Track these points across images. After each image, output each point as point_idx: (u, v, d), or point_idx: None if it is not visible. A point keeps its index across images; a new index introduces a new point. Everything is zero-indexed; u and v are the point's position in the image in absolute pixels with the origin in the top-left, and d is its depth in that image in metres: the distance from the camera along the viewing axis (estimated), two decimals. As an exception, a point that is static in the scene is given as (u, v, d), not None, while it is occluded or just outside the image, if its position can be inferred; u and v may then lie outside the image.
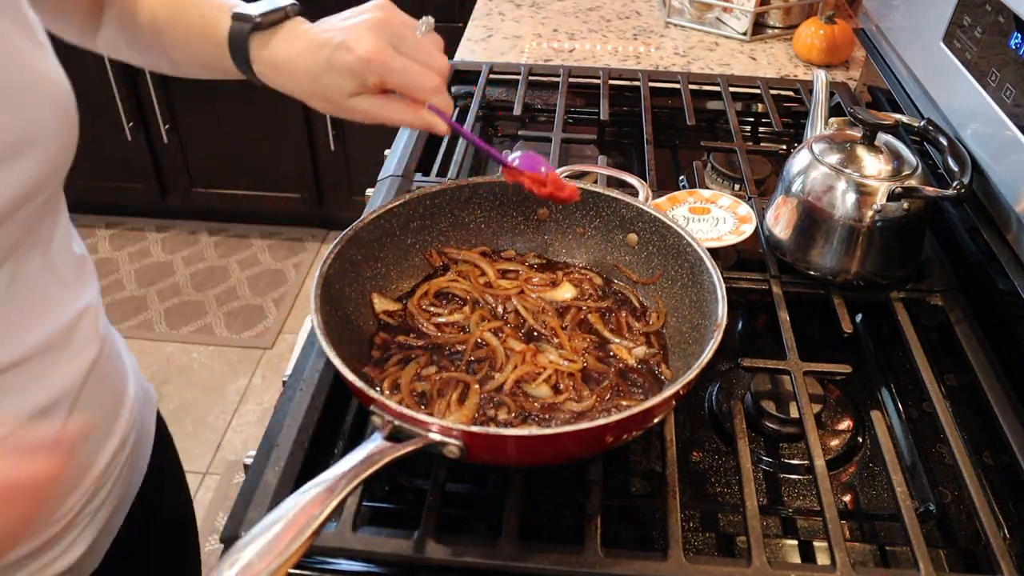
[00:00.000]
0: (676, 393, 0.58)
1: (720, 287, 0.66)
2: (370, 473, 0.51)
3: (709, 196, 0.90)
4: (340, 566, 0.60)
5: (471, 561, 0.58)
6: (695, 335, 0.70)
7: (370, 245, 0.74)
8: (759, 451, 0.74)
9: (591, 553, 0.58)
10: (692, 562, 0.58)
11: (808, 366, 0.74)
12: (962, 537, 0.67)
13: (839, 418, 0.77)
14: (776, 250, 0.87)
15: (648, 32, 1.55)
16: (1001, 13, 0.78)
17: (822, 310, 0.83)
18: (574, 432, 0.55)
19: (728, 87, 1.21)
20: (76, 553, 0.68)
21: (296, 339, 0.85)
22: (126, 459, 0.73)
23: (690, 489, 0.71)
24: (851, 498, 0.72)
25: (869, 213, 0.79)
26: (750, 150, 1.08)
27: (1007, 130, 0.75)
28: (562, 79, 1.22)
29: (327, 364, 0.71)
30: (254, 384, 2.25)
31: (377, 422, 0.55)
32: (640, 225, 0.77)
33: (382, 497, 0.68)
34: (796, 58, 1.45)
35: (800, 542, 0.67)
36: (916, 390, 0.80)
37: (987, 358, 0.77)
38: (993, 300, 0.80)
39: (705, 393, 0.80)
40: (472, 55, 1.44)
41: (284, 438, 0.66)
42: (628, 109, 1.23)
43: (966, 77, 0.83)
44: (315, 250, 2.72)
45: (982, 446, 0.74)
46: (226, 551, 0.45)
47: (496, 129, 1.22)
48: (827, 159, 0.82)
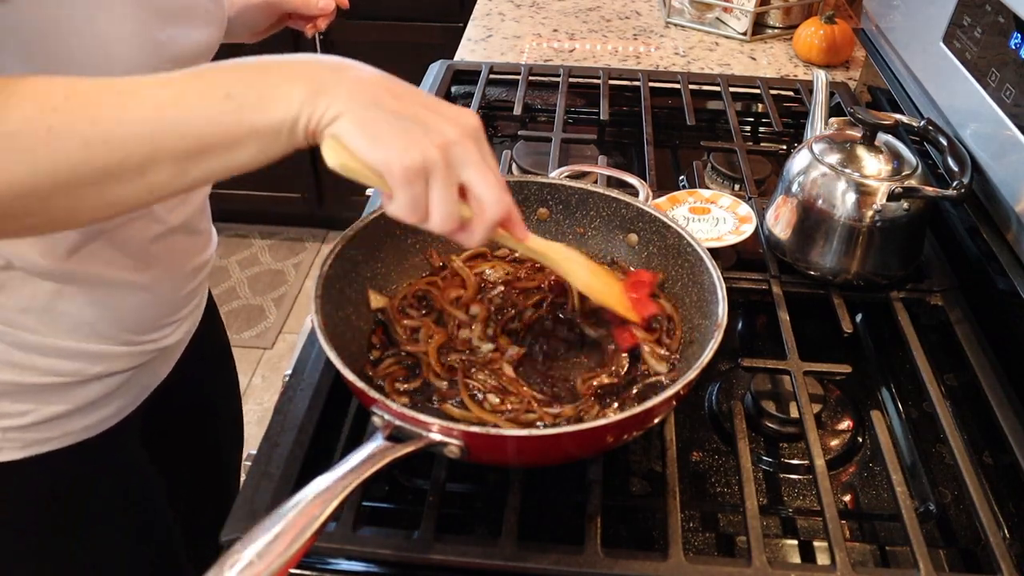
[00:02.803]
0: (676, 393, 0.58)
1: (720, 287, 0.66)
2: (371, 474, 0.51)
3: (709, 196, 0.90)
4: (340, 566, 0.60)
5: (471, 561, 0.58)
6: (695, 335, 0.70)
7: (370, 245, 0.74)
8: (759, 451, 0.74)
9: (591, 553, 0.58)
10: (692, 562, 0.58)
11: (808, 366, 0.74)
12: (962, 537, 0.67)
13: (839, 418, 0.77)
14: (776, 250, 0.87)
15: (648, 32, 1.55)
16: (1001, 13, 0.78)
17: (822, 310, 0.83)
18: (574, 432, 0.55)
19: (728, 87, 1.21)
20: (177, 336, 0.82)
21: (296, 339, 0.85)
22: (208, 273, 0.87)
23: (690, 489, 0.71)
24: (851, 498, 0.72)
25: (869, 213, 0.79)
26: (750, 150, 1.08)
27: (1007, 130, 0.75)
28: (562, 79, 1.22)
29: (327, 364, 0.71)
30: (254, 384, 2.25)
31: (377, 422, 0.55)
32: (640, 225, 0.77)
33: (382, 497, 0.68)
34: (796, 58, 1.45)
35: (800, 542, 0.67)
36: (916, 390, 0.80)
37: (987, 358, 0.77)
38: (993, 300, 0.80)
39: (705, 393, 0.80)
40: (472, 55, 1.44)
41: (284, 438, 0.66)
42: (628, 109, 1.23)
43: (966, 77, 0.83)
44: (315, 250, 2.72)
45: (982, 446, 0.74)
46: (226, 551, 0.45)
47: (496, 129, 1.22)
48: (827, 159, 0.82)
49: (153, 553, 0.88)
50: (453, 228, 0.53)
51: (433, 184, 0.51)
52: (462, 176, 0.52)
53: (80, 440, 0.75)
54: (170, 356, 0.84)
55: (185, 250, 0.79)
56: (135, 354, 0.76)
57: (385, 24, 2.22)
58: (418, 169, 0.50)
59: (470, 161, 0.52)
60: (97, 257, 0.68)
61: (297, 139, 0.51)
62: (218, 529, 0.59)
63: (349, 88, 0.50)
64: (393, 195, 0.52)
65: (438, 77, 1.24)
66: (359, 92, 0.50)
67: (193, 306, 0.85)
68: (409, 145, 0.50)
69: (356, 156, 0.50)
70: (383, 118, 0.50)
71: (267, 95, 0.49)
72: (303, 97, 0.49)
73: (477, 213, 0.54)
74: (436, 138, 0.50)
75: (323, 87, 0.50)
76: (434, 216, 0.52)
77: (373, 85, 0.51)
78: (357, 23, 2.23)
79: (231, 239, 2.76)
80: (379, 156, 0.50)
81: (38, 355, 0.68)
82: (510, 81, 1.26)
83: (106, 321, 0.71)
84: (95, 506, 0.80)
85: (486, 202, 0.53)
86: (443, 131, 0.51)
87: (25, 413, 0.69)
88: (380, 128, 0.50)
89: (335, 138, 0.50)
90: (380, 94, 0.51)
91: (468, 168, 0.52)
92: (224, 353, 1.05)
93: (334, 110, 0.49)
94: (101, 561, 0.82)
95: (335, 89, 0.50)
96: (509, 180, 0.79)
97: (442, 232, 0.53)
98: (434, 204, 0.52)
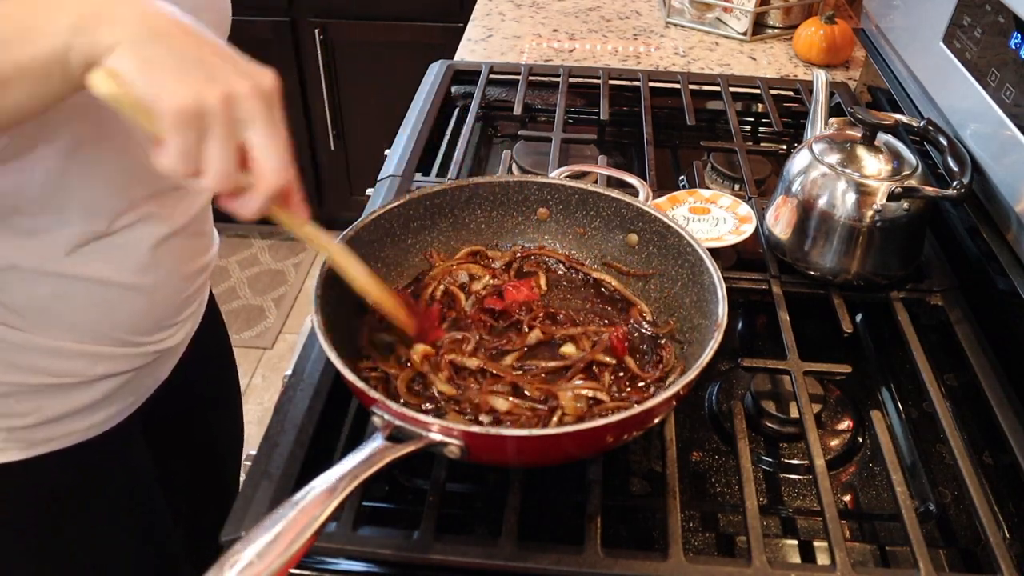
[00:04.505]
0: (676, 393, 0.58)
1: (720, 287, 0.66)
2: (371, 474, 0.51)
3: (709, 196, 0.90)
4: (340, 566, 0.60)
5: (471, 561, 0.58)
6: (695, 335, 0.70)
7: (370, 245, 0.74)
8: (759, 451, 0.74)
9: (591, 553, 0.58)
10: (692, 562, 0.58)
11: (808, 366, 0.74)
12: (962, 537, 0.67)
13: (839, 418, 0.77)
14: (776, 250, 0.87)
15: (648, 32, 1.55)
16: (1001, 13, 0.78)
17: (822, 310, 0.83)
18: (574, 432, 0.55)
19: (728, 87, 1.21)
20: (179, 337, 0.81)
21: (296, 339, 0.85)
22: (210, 274, 0.86)
23: (690, 489, 0.71)
24: (851, 498, 0.72)
25: (869, 213, 0.79)
26: (750, 150, 1.08)
27: (1007, 130, 0.75)
28: (562, 79, 1.22)
29: (327, 364, 0.71)
30: (254, 384, 2.25)
31: (377, 422, 0.55)
32: (640, 225, 0.77)
33: (382, 497, 0.68)
34: (796, 58, 1.45)
35: (800, 542, 0.67)
36: (916, 390, 0.80)
37: (987, 358, 0.77)
38: (993, 300, 0.80)
39: (705, 393, 0.80)
40: (472, 55, 1.44)
41: (284, 438, 0.66)
42: (628, 109, 1.23)
43: (966, 77, 0.83)
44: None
45: (982, 446, 0.74)
46: (226, 551, 0.45)
47: (496, 129, 1.22)
48: (827, 159, 0.82)
49: (153, 553, 0.88)
50: (227, 188, 0.49)
51: (210, 136, 0.46)
52: (244, 135, 0.48)
53: (82, 440, 0.75)
54: (171, 357, 0.84)
55: (188, 253, 0.78)
56: (137, 355, 0.76)
57: (385, 24, 2.22)
58: (192, 113, 0.45)
59: (256, 121, 0.47)
60: (99, 259, 0.67)
61: (72, 73, 0.45)
62: (218, 529, 0.59)
63: (130, 17, 0.45)
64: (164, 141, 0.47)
65: (438, 77, 1.24)
66: (141, 22, 0.45)
67: (195, 307, 0.84)
68: (187, 87, 0.45)
69: (126, 88, 0.45)
70: (166, 54, 0.45)
71: (29, 26, 0.45)
72: (70, 24, 0.44)
73: (256, 179, 0.49)
74: (220, 87, 0.46)
75: (98, 15, 0.45)
76: (207, 171, 0.47)
77: (161, 19, 0.46)
78: (357, 23, 2.23)
79: (231, 239, 2.75)
80: (151, 91, 0.45)
81: (40, 356, 0.68)
82: (510, 81, 1.26)
83: (108, 323, 0.71)
84: (95, 506, 0.80)
85: (267, 168, 0.49)
86: (230, 82, 0.46)
87: (28, 414, 0.69)
88: (158, 63, 0.45)
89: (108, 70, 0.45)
90: (168, 28, 0.46)
91: (253, 128, 0.48)
92: (225, 353, 1.05)
93: (112, 38, 0.45)
94: (101, 561, 0.82)
95: (113, 16, 0.45)
96: (509, 180, 0.80)
97: (216, 191, 0.49)
98: (208, 157, 0.47)
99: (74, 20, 0.45)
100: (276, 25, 2.24)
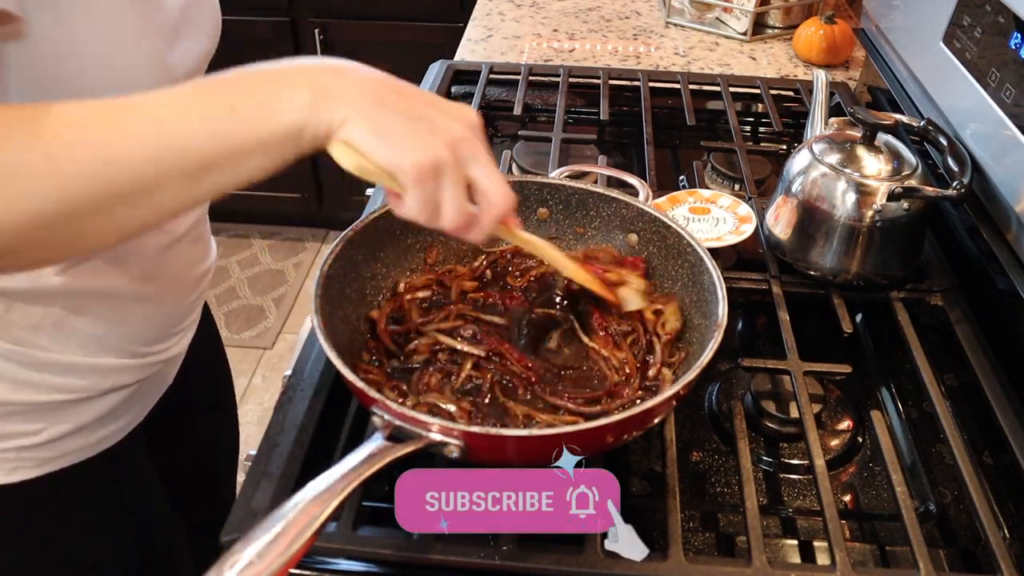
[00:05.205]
0: (676, 393, 0.58)
1: (720, 287, 0.66)
2: (371, 474, 0.52)
3: (709, 196, 0.90)
4: (340, 566, 0.60)
5: (471, 561, 0.58)
6: (695, 335, 0.70)
7: (370, 245, 0.74)
8: (759, 451, 0.74)
9: (591, 553, 0.58)
10: (692, 562, 0.58)
11: (808, 366, 0.74)
12: (962, 537, 0.67)
13: (839, 418, 0.77)
14: (776, 250, 0.87)
15: (648, 32, 1.55)
16: (1001, 13, 0.78)
17: (822, 310, 0.83)
18: (574, 432, 0.55)
19: (728, 87, 1.21)
20: (182, 345, 0.83)
21: (296, 339, 0.85)
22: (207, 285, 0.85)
23: (690, 489, 0.71)
24: (851, 498, 0.72)
25: (869, 213, 0.79)
26: (750, 150, 1.08)
27: (1007, 130, 0.75)
28: (562, 79, 1.22)
29: (327, 364, 0.71)
30: (254, 384, 2.25)
31: (377, 422, 0.55)
32: (640, 225, 0.77)
33: (382, 497, 0.67)
34: (796, 58, 1.45)
35: (800, 542, 0.67)
36: (916, 390, 0.80)
37: (987, 358, 0.77)
38: (993, 300, 0.80)
39: (705, 393, 0.80)
40: (472, 55, 1.44)
41: (284, 438, 0.66)
42: (628, 109, 1.23)
43: (966, 77, 0.83)
44: (315, 250, 2.72)
45: (982, 446, 0.74)
46: (226, 551, 0.45)
47: (496, 129, 1.22)
48: (827, 159, 0.82)
49: (153, 554, 0.88)
50: (463, 224, 0.53)
51: (444, 182, 0.51)
52: (469, 172, 0.52)
53: (90, 456, 0.74)
54: (173, 366, 0.84)
55: (191, 258, 0.79)
56: (144, 366, 0.76)
57: (385, 24, 2.22)
58: (430, 168, 0.50)
59: (477, 156, 0.52)
60: (107, 271, 0.67)
61: (303, 146, 0.50)
62: (218, 529, 0.59)
63: (353, 90, 0.50)
64: (404, 195, 0.51)
65: (438, 77, 1.24)
66: (364, 94, 0.50)
67: (197, 314, 0.85)
68: (419, 144, 0.49)
69: (368, 158, 0.50)
70: (390, 118, 0.50)
71: (271, 104, 0.49)
72: (308, 103, 0.49)
73: (484, 208, 0.54)
74: (444, 136, 0.50)
75: (327, 91, 0.49)
76: (446, 214, 0.52)
77: (376, 86, 0.51)
78: (357, 23, 2.23)
79: (231, 239, 2.75)
80: (391, 157, 0.49)
81: (49, 373, 0.67)
82: (510, 81, 1.26)
83: (116, 335, 0.71)
84: (98, 512, 0.80)
85: (493, 197, 0.53)
86: (449, 128, 0.51)
87: (38, 432, 0.69)
88: (389, 129, 0.49)
89: (346, 142, 0.50)
90: (384, 94, 0.50)
91: (475, 164, 0.52)
92: (219, 354, 1.05)
93: (341, 114, 0.49)
94: (101, 562, 0.82)
95: (339, 92, 0.49)
96: (509, 180, 0.79)
97: (451, 228, 0.53)
98: (446, 202, 0.52)
99: (309, 99, 0.48)
100: (276, 25, 2.24)
